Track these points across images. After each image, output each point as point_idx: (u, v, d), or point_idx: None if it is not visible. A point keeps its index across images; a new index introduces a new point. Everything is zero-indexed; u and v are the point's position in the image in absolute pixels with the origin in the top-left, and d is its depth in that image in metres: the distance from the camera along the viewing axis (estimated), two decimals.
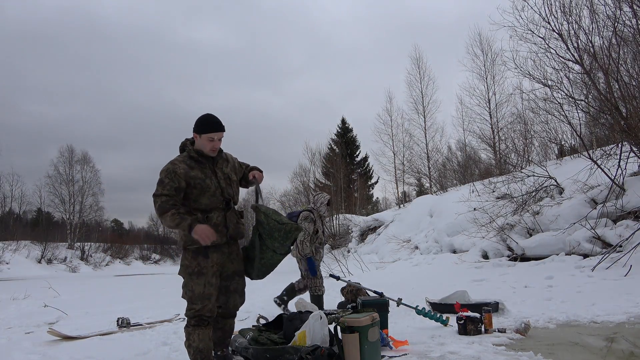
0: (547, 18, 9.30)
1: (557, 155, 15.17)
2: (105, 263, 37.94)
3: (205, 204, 2.79)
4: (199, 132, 2.82)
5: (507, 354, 3.13)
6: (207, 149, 2.82)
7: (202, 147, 2.83)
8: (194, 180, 2.75)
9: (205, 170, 2.83)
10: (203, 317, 2.76)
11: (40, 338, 4.71)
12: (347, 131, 35.73)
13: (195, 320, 2.77)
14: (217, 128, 2.82)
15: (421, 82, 24.27)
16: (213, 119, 2.85)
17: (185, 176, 2.73)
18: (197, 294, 2.74)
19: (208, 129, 2.80)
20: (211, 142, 2.81)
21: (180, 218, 2.64)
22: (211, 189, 2.80)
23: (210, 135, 2.79)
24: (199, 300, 2.74)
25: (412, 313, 4.74)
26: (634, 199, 8.08)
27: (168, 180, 2.70)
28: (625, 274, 6.33)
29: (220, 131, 2.84)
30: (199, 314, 2.75)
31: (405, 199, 25.29)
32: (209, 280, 2.76)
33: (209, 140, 2.80)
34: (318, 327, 3.08)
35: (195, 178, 2.76)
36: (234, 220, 2.92)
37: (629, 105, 8.42)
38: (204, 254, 2.77)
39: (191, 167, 2.78)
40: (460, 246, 11.39)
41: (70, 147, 39.72)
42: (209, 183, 2.79)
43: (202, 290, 2.74)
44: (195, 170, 2.78)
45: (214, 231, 2.71)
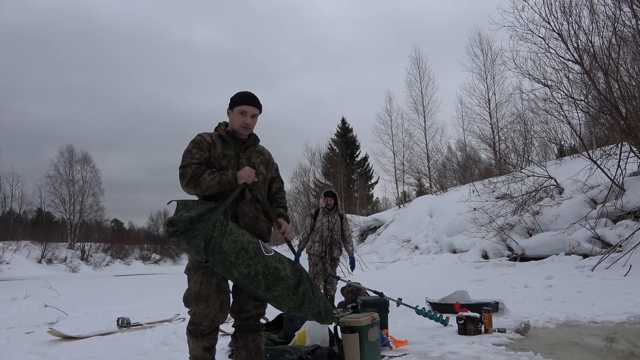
0: (547, 18, 9.32)
1: (557, 155, 15.17)
2: (105, 263, 37.92)
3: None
4: (231, 106, 2.53)
5: (507, 354, 3.13)
6: (237, 125, 2.49)
7: (233, 124, 2.51)
8: (212, 158, 2.43)
9: (227, 150, 2.48)
10: (199, 325, 2.34)
11: (41, 338, 4.71)
12: (347, 131, 35.75)
13: (191, 327, 2.39)
14: (250, 101, 2.52)
15: (421, 82, 24.32)
16: (247, 93, 2.57)
17: (208, 149, 2.44)
18: (193, 293, 2.32)
19: (240, 101, 2.51)
20: (242, 116, 2.48)
21: (219, 174, 2.32)
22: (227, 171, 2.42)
23: (241, 108, 2.49)
24: (192, 301, 2.32)
25: (412, 313, 4.74)
26: (633, 199, 8.08)
27: (197, 150, 2.42)
28: (625, 274, 6.33)
29: (254, 106, 2.52)
30: (195, 319, 2.35)
31: (405, 199, 25.31)
32: (208, 279, 2.31)
33: (239, 113, 2.49)
34: (318, 327, 3.09)
35: (213, 155, 2.44)
36: (250, 214, 2.43)
37: (629, 105, 8.43)
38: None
39: (214, 142, 2.48)
40: (460, 246, 11.40)
41: (70, 147, 39.75)
42: (225, 164, 2.43)
43: (198, 289, 2.30)
44: (217, 146, 2.47)
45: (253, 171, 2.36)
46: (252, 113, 2.51)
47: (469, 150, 22.08)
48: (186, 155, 2.42)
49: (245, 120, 2.49)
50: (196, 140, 2.48)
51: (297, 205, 33.40)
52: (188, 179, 2.32)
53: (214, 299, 2.31)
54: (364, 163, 35.57)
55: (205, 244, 2.18)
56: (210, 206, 2.25)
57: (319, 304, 2.34)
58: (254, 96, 2.55)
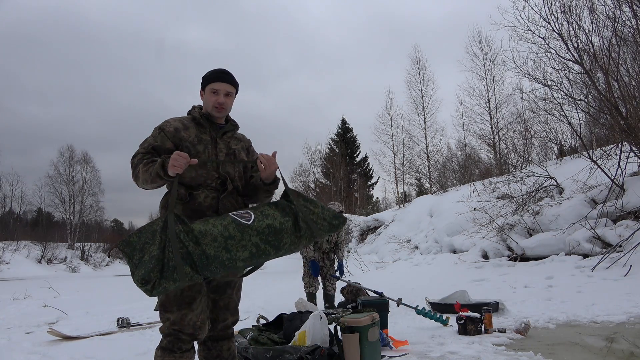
0: (547, 18, 9.33)
1: (557, 155, 15.16)
2: (105, 263, 37.86)
3: (190, 176, 2.07)
4: (203, 86, 2.22)
5: (507, 354, 3.13)
6: (210, 106, 2.17)
7: (206, 105, 2.21)
8: (183, 142, 2.10)
9: (202, 134, 2.17)
10: (181, 335, 1.94)
11: (41, 338, 4.71)
12: (347, 131, 35.77)
13: (169, 340, 1.95)
14: (222, 77, 2.19)
15: (421, 82, 24.32)
16: (219, 69, 2.23)
17: (173, 136, 2.10)
18: (172, 296, 1.94)
19: (211, 78, 2.19)
20: (214, 95, 2.16)
21: (152, 163, 1.99)
22: (201, 159, 2.11)
23: (213, 86, 2.16)
24: (173, 306, 1.94)
25: (412, 313, 4.74)
26: (633, 199, 8.08)
27: (151, 138, 2.12)
28: (625, 274, 6.33)
29: (227, 82, 2.19)
30: (175, 329, 1.93)
31: (405, 199, 25.30)
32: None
33: (211, 93, 2.17)
34: (318, 327, 3.09)
35: (184, 140, 2.11)
36: (232, 208, 2.12)
37: (629, 105, 8.43)
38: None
39: (186, 126, 2.16)
40: (460, 246, 11.40)
41: (70, 147, 39.73)
42: (200, 150, 2.12)
43: (180, 292, 1.93)
44: (189, 130, 2.15)
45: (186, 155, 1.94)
46: (225, 91, 2.19)
47: (469, 150, 22.11)
48: (140, 144, 2.13)
49: (218, 99, 2.17)
50: (158, 126, 2.16)
51: None
52: (132, 171, 2.06)
53: (198, 302, 1.97)
54: (364, 163, 35.59)
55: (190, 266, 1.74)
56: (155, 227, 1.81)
57: (324, 217, 2.08)
58: (226, 72, 2.23)
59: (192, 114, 2.24)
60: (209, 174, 2.11)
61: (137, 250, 1.76)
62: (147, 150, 2.09)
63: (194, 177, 2.08)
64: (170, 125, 2.14)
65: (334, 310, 4.80)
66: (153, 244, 1.75)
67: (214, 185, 2.11)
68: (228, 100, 2.20)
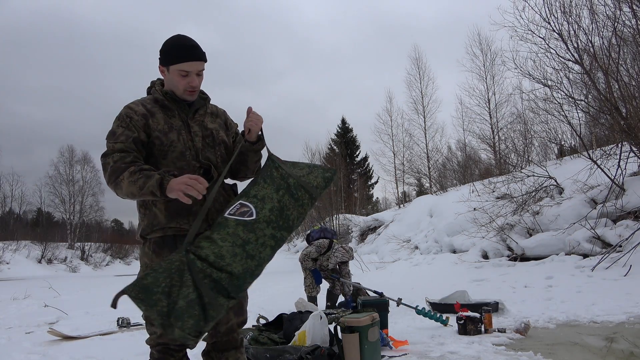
0: (547, 18, 9.33)
1: (557, 155, 15.17)
2: (105, 263, 37.85)
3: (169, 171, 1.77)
4: (166, 64, 1.84)
5: (507, 354, 3.13)
6: (179, 89, 1.84)
7: (172, 86, 1.86)
8: (154, 133, 1.79)
9: (172, 119, 1.85)
10: (169, 346, 1.79)
11: (41, 338, 4.71)
12: (347, 131, 35.79)
13: (158, 350, 1.80)
14: (192, 55, 1.82)
15: (421, 82, 24.33)
16: (185, 42, 1.84)
17: (144, 125, 1.79)
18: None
19: (178, 56, 1.81)
20: (184, 78, 1.82)
21: (143, 176, 1.66)
22: (177, 148, 1.81)
23: (181, 67, 1.81)
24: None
25: (412, 313, 4.74)
26: (633, 199, 8.08)
27: (123, 130, 1.77)
28: (625, 274, 6.33)
29: (198, 60, 1.83)
30: (162, 341, 1.78)
31: (405, 199, 25.31)
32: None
33: (180, 76, 1.82)
34: (318, 327, 3.09)
35: (155, 129, 1.80)
36: (220, 198, 1.87)
37: (629, 105, 8.43)
38: (172, 246, 1.76)
39: (151, 112, 1.83)
40: (460, 246, 11.40)
41: (70, 147, 39.69)
42: (174, 138, 1.81)
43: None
44: (156, 117, 1.82)
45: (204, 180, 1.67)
46: (197, 70, 1.83)
47: (469, 150, 22.12)
48: (109, 138, 1.78)
49: (191, 82, 1.83)
50: (122, 115, 1.80)
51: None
52: (108, 176, 1.73)
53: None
54: (364, 163, 35.61)
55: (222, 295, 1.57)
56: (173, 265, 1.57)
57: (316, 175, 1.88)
58: (195, 45, 1.85)
59: (154, 94, 1.89)
60: (189, 165, 1.82)
61: (161, 294, 1.50)
62: (127, 147, 1.74)
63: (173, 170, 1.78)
64: (136, 113, 1.80)
65: (334, 310, 4.80)
66: (183, 285, 1.52)
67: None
68: (200, 79, 1.86)
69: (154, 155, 1.80)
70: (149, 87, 1.96)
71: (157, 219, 1.77)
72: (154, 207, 1.78)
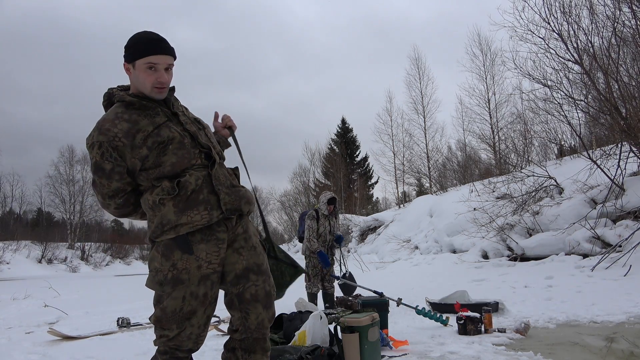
0: (547, 18, 9.34)
1: (557, 155, 15.18)
2: (105, 263, 37.87)
3: (171, 163, 1.70)
4: (132, 59, 1.71)
5: (507, 354, 3.13)
6: (147, 87, 1.71)
7: (139, 84, 1.72)
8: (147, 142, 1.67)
9: (155, 117, 1.72)
10: (178, 352, 1.73)
11: (41, 338, 4.71)
12: (347, 131, 35.79)
13: (165, 359, 1.74)
14: (159, 48, 1.70)
15: (420, 82, 24.32)
16: (153, 35, 1.73)
17: (131, 148, 1.66)
18: (170, 312, 1.67)
19: (146, 49, 1.68)
20: (153, 72, 1.70)
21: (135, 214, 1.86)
22: (175, 139, 1.71)
23: (149, 60, 1.68)
24: (172, 324, 1.68)
25: (412, 313, 4.74)
26: (633, 199, 8.09)
27: (112, 165, 1.67)
28: (625, 274, 6.33)
29: (166, 54, 1.72)
30: (172, 345, 1.71)
31: (405, 199, 25.30)
32: (193, 291, 1.68)
33: (147, 69, 1.69)
34: (318, 327, 3.09)
35: (147, 138, 1.67)
36: (227, 181, 1.78)
37: (629, 106, 8.43)
38: (183, 246, 1.68)
39: (134, 121, 1.68)
40: (460, 246, 11.40)
41: (70, 147, 39.72)
42: (167, 134, 1.70)
43: (179, 307, 1.67)
44: (140, 124, 1.68)
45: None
46: (166, 64, 1.72)
47: (469, 150, 22.13)
48: (100, 175, 1.69)
49: (160, 77, 1.71)
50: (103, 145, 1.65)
51: (297, 205, 33.40)
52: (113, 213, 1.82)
53: (200, 314, 1.71)
54: (364, 163, 35.60)
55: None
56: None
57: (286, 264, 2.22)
58: (162, 39, 1.74)
59: (123, 98, 1.73)
60: (189, 152, 1.73)
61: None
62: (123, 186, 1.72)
63: (175, 162, 1.70)
64: (117, 137, 1.65)
65: (334, 310, 4.80)
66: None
67: (200, 162, 1.75)
68: (169, 75, 1.76)
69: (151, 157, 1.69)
70: (106, 98, 1.80)
71: (167, 218, 1.68)
72: (162, 207, 1.69)
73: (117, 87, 1.82)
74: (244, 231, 1.85)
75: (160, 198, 1.68)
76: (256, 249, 1.86)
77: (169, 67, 1.75)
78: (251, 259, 1.82)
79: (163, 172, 1.70)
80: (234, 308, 1.80)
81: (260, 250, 1.89)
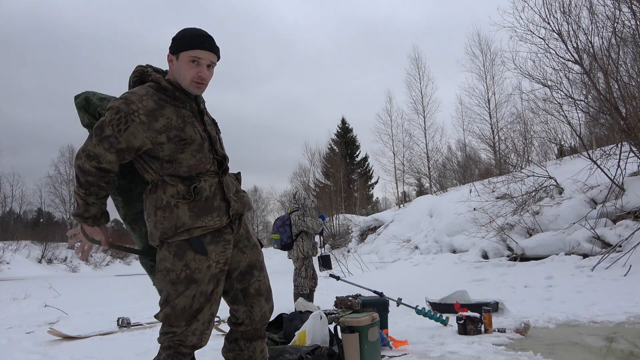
0: (546, 19, 9.33)
1: (557, 155, 15.17)
2: (105, 263, 37.87)
3: (188, 165, 1.72)
4: (177, 51, 1.73)
5: (507, 354, 3.13)
6: (187, 79, 1.72)
7: (179, 76, 1.74)
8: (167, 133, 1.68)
9: (182, 108, 1.74)
10: (182, 348, 1.75)
11: (41, 338, 4.71)
12: (347, 131, 35.81)
13: (168, 354, 1.74)
14: (205, 44, 1.73)
15: (420, 82, 24.32)
16: (202, 32, 1.76)
17: (148, 128, 1.66)
18: (180, 309, 1.71)
19: (192, 43, 1.71)
20: (195, 66, 1.72)
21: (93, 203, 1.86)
22: (196, 141, 1.73)
23: (193, 53, 1.71)
24: (182, 320, 1.72)
25: (412, 313, 4.74)
26: (633, 199, 8.08)
27: (116, 137, 1.64)
28: (625, 274, 6.33)
29: (211, 51, 1.75)
30: (177, 340, 1.74)
31: (405, 199, 25.31)
32: (204, 290, 1.73)
33: (190, 62, 1.72)
34: (318, 327, 3.09)
35: (168, 128, 1.68)
36: (233, 188, 1.87)
37: (629, 106, 8.43)
38: (198, 247, 1.72)
39: (160, 105, 1.69)
40: (460, 246, 11.40)
41: (70, 147, 39.72)
42: (191, 132, 1.72)
43: (189, 304, 1.71)
44: (166, 111, 1.69)
45: (102, 234, 1.91)
46: (208, 61, 1.75)
47: (468, 150, 22.13)
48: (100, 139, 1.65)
49: (200, 72, 1.73)
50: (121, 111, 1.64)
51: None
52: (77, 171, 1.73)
53: (206, 311, 1.76)
54: (364, 163, 35.62)
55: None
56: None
57: None
58: (210, 36, 1.77)
59: (158, 81, 1.73)
60: (206, 156, 1.77)
61: None
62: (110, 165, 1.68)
63: (192, 165, 1.73)
64: (140, 110, 1.65)
65: (334, 310, 4.80)
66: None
67: (213, 169, 1.80)
68: (210, 73, 1.78)
69: (168, 151, 1.70)
70: (137, 74, 1.80)
71: (181, 220, 1.71)
72: (175, 209, 1.71)
73: (151, 67, 1.83)
74: (246, 232, 1.96)
75: (175, 201, 1.71)
76: (257, 247, 1.97)
77: (211, 65, 1.78)
78: (253, 256, 1.94)
79: (178, 172, 1.73)
80: (239, 303, 1.90)
81: (259, 247, 2.00)
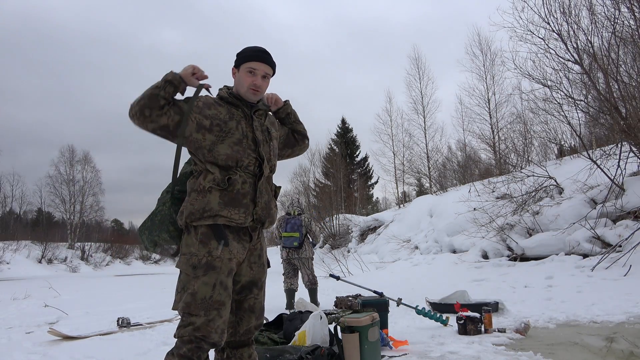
0: (546, 19, 9.33)
1: (557, 155, 15.17)
2: (105, 263, 37.88)
3: (225, 154, 1.89)
4: (237, 64, 2.04)
5: (507, 354, 3.13)
6: (244, 87, 2.00)
7: (239, 85, 2.02)
8: (212, 120, 1.92)
9: (234, 110, 1.99)
10: (204, 343, 1.76)
11: (41, 338, 4.71)
12: (347, 131, 35.81)
13: (189, 349, 1.74)
14: (261, 57, 2.01)
15: (420, 82, 24.31)
16: (258, 47, 2.05)
17: (200, 111, 1.93)
18: (200, 298, 1.75)
19: (249, 56, 2.00)
20: (251, 75, 1.99)
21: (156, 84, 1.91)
22: (235, 135, 1.93)
23: (250, 65, 1.99)
24: (200, 310, 1.74)
25: (412, 313, 4.75)
26: (633, 199, 8.08)
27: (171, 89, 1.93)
28: (625, 274, 6.33)
29: (266, 63, 2.02)
30: (200, 335, 1.74)
31: (405, 199, 25.29)
32: (223, 281, 1.80)
33: (247, 72, 1.99)
34: (318, 327, 3.09)
35: (214, 117, 1.93)
36: (267, 196, 1.99)
37: (629, 106, 8.43)
38: (221, 235, 1.84)
39: (213, 105, 1.98)
40: (460, 246, 11.40)
41: (71, 147, 39.74)
42: (233, 126, 1.94)
43: (209, 294, 1.76)
44: (218, 108, 1.97)
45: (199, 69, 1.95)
46: (263, 72, 2.01)
47: (469, 150, 22.11)
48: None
49: (255, 80, 1.99)
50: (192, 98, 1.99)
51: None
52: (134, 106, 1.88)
53: (227, 307, 1.81)
54: (364, 163, 35.61)
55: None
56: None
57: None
58: (266, 51, 2.05)
59: (220, 94, 2.06)
60: (245, 152, 1.93)
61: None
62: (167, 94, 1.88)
63: (229, 154, 1.90)
64: (201, 102, 1.97)
65: (334, 310, 4.80)
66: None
67: (252, 169, 1.95)
68: (265, 83, 2.03)
69: (209, 140, 1.90)
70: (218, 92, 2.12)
71: (210, 205, 1.85)
72: (208, 194, 1.86)
73: (225, 86, 2.12)
74: (260, 248, 2.05)
75: (210, 186, 1.86)
76: (264, 267, 2.06)
77: (266, 76, 2.04)
78: (257, 275, 2.02)
79: (216, 160, 1.90)
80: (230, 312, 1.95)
81: (266, 267, 2.08)
